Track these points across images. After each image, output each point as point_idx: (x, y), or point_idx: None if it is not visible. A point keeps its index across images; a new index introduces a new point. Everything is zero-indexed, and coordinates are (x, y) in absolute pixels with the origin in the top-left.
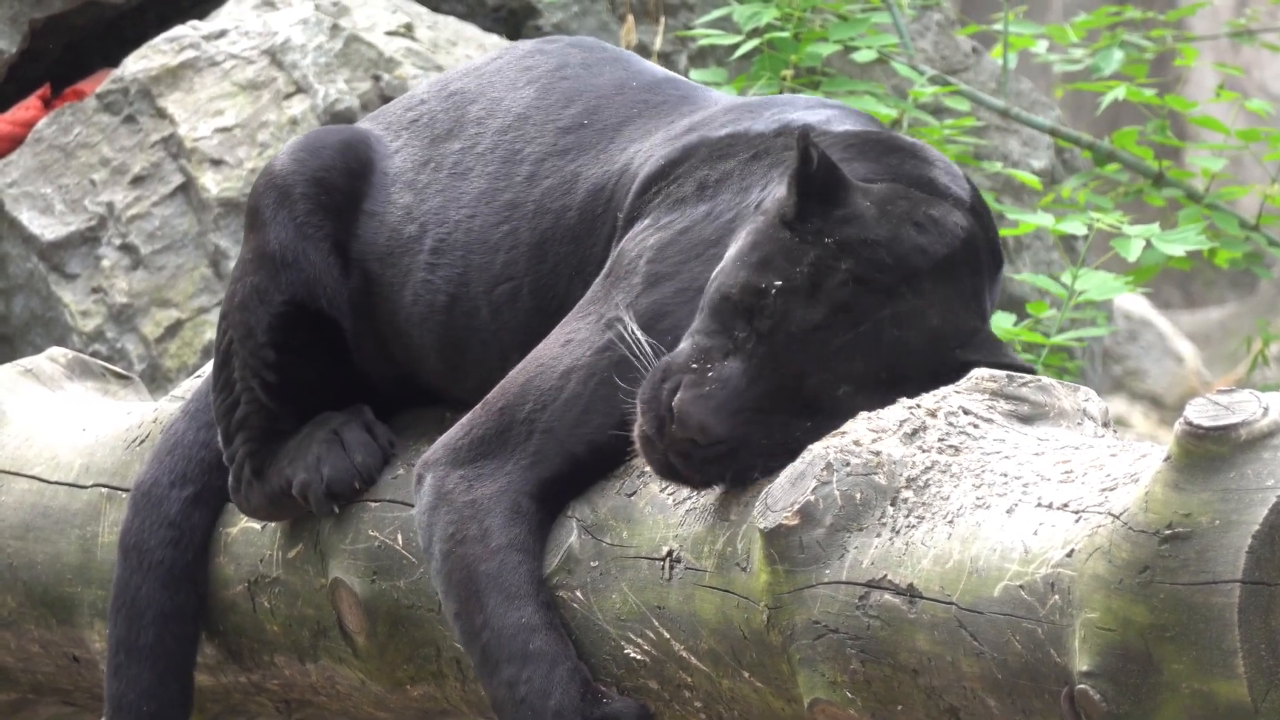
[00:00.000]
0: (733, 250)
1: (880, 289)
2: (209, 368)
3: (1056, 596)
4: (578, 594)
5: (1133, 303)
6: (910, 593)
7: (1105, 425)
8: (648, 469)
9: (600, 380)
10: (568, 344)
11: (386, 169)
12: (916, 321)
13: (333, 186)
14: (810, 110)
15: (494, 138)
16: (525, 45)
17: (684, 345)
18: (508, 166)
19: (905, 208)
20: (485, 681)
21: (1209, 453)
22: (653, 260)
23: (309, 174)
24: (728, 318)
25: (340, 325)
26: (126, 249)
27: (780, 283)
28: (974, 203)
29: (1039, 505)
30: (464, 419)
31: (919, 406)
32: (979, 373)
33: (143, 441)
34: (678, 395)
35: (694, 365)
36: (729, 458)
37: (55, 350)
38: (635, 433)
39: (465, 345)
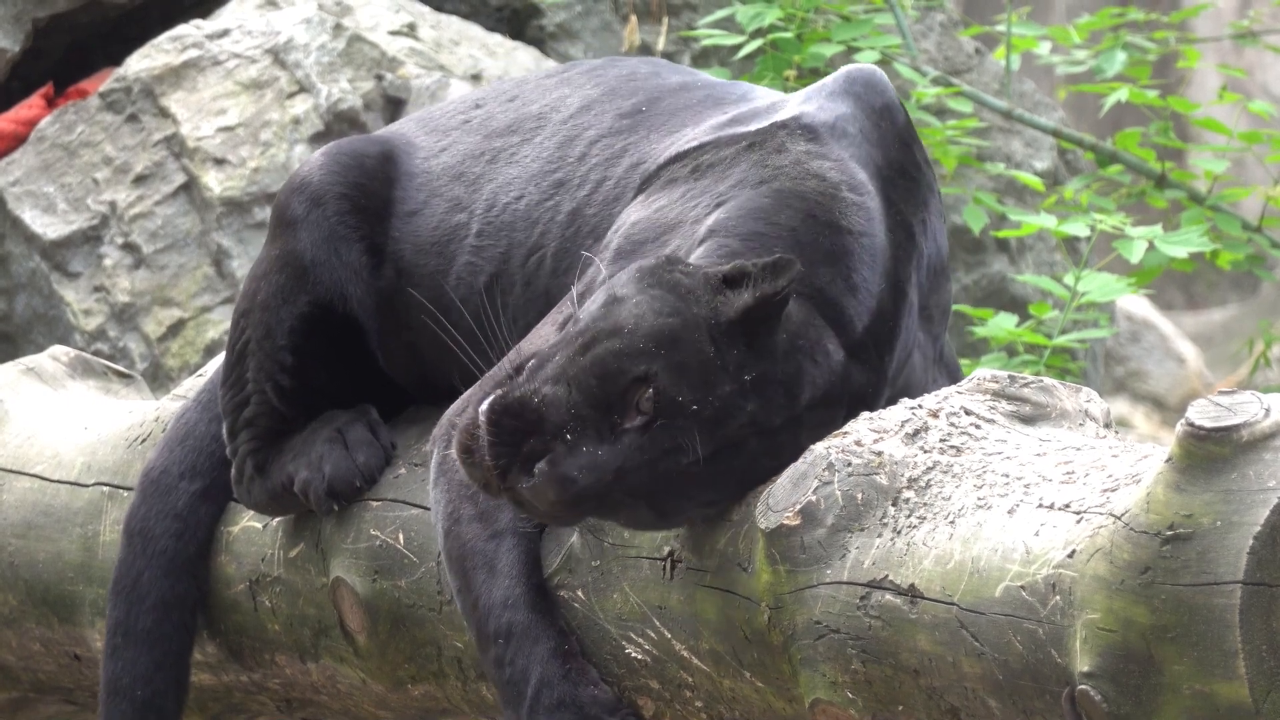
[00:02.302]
0: (641, 308)
1: (770, 430)
2: (213, 365)
3: (1058, 597)
4: (579, 593)
5: (1135, 304)
6: (911, 593)
7: (1107, 426)
8: None
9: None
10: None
11: (429, 168)
12: (787, 452)
13: (371, 192)
14: (823, 110)
15: (554, 128)
16: (596, 61)
17: (555, 390)
18: (563, 149)
19: (813, 339)
20: (481, 659)
21: (1210, 454)
22: (625, 235)
23: (349, 180)
24: (617, 393)
25: (364, 329)
26: (129, 248)
27: (694, 407)
28: (860, 340)
29: (1040, 506)
30: (464, 394)
31: (920, 407)
32: (981, 373)
33: (144, 440)
34: (541, 465)
35: (568, 435)
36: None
37: (57, 349)
38: (455, 444)
39: (497, 322)
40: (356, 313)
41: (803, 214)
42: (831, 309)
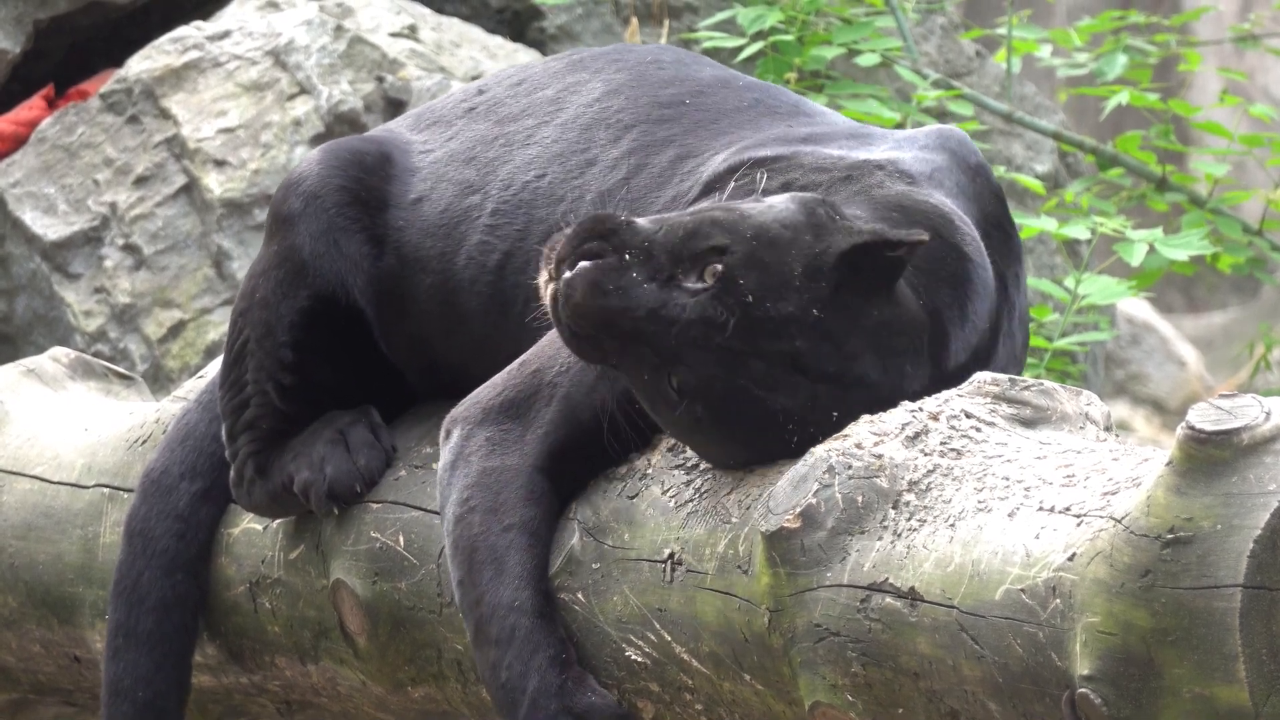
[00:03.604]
0: (769, 210)
1: (800, 376)
2: (213, 367)
3: (1058, 600)
4: (579, 596)
5: (1135, 307)
6: (911, 596)
7: (1107, 429)
8: (650, 472)
9: None
10: None
11: (436, 158)
12: (798, 428)
13: (371, 186)
14: (919, 160)
15: (578, 110)
16: (606, 47)
17: (647, 224)
18: (590, 131)
19: (899, 349)
20: (476, 657)
21: (1211, 457)
22: None
23: (348, 174)
24: (693, 251)
25: (366, 319)
26: (129, 249)
27: (749, 299)
28: (949, 375)
29: (1041, 509)
30: (498, 376)
31: (921, 410)
32: (981, 376)
33: (145, 442)
34: (588, 262)
35: (627, 255)
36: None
37: (58, 350)
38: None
39: (509, 304)
40: (360, 303)
41: (930, 229)
42: (940, 339)
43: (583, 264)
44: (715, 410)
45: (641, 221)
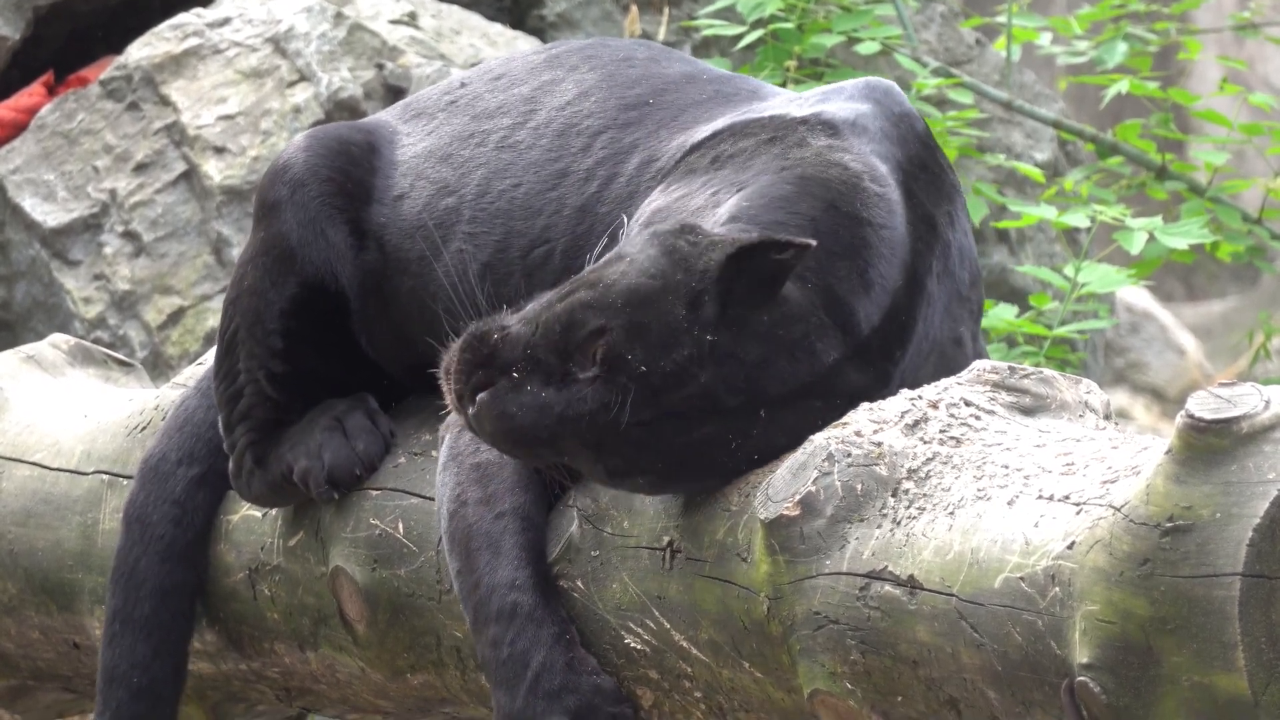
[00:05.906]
0: (633, 267)
1: (724, 411)
2: (211, 354)
3: (1057, 588)
4: (578, 583)
5: (1135, 295)
6: (911, 584)
7: (1107, 418)
8: None
9: None
10: None
11: (416, 152)
12: (750, 445)
13: (356, 179)
14: (843, 109)
15: (550, 113)
16: (582, 41)
17: (522, 329)
18: (562, 139)
19: (798, 334)
20: (475, 639)
21: (1210, 446)
22: (645, 224)
23: (335, 165)
24: (576, 342)
25: (352, 309)
26: (129, 236)
27: (643, 368)
28: (865, 341)
29: (1040, 497)
30: None
31: (920, 398)
32: (981, 364)
33: (144, 428)
34: (485, 394)
35: (516, 372)
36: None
37: (57, 337)
38: (441, 362)
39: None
40: (347, 291)
41: (824, 203)
42: (840, 308)
43: (480, 396)
44: (655, 474)
45: (516, 328)
